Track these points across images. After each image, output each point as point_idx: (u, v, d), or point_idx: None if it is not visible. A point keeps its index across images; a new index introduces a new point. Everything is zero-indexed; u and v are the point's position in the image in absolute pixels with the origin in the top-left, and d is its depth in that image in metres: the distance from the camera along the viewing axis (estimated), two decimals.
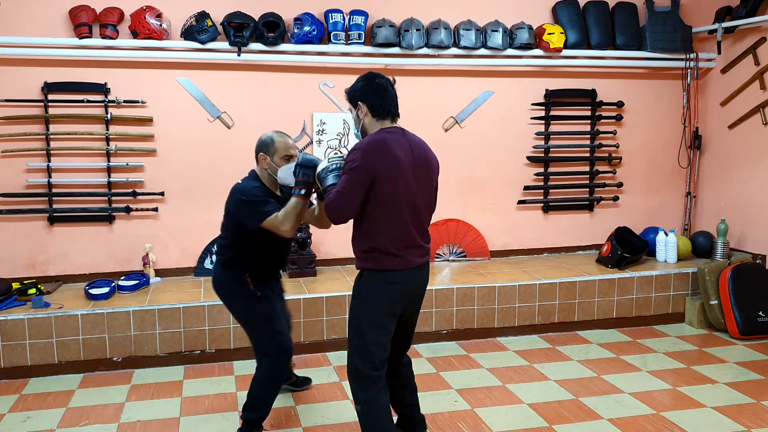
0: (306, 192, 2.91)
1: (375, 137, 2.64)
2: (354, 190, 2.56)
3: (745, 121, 5.16)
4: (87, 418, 3.42)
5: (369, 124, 2.71)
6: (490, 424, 3.32)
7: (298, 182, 2.91)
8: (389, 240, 2.64)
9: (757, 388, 3.74)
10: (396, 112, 2.73)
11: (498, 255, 5.39)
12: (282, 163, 3.06)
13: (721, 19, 5.14)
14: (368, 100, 2.69)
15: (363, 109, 2.70)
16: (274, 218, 2.92)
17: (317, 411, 3.49)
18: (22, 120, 4.43)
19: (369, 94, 2.69)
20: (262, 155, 3.09)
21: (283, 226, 2.91)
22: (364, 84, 2.72)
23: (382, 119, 2.71)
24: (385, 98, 2.70)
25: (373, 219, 2.63)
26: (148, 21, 4.38)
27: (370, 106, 2.69)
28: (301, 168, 2.90)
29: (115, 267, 4.69)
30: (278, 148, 3.07)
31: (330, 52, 4.82)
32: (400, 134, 2.69)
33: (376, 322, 2.69)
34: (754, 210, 5.13)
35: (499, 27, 4.98)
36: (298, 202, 2.91)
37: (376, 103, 2.68)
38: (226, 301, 3.24)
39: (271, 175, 3.10)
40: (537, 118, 5.33)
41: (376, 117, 2.70)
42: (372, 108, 2.69)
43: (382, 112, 2.69)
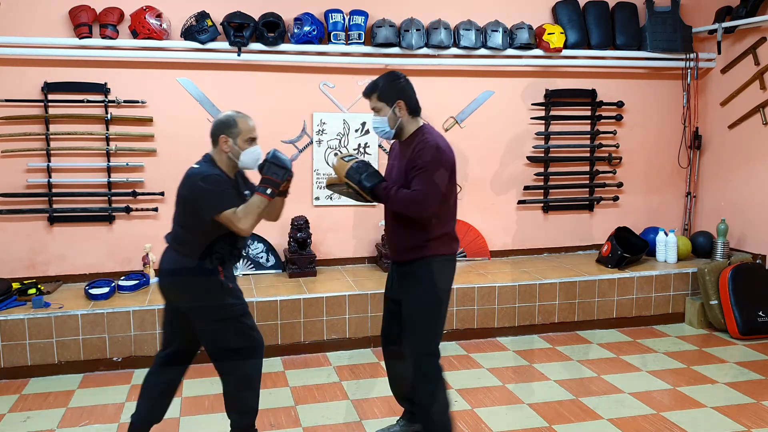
0: (272, 192, 2.71)
1: (436, 134, 2.82)
2: (441, 184, 2.72)
3: (745, 121, 5.16)
4: (87, 418, 3.42)
5: (407, 122, 2.82)
6: (490, 424, 3.32)
7: (265, 180, 2.71)
8: (453, 226, 2.89)
9: (757, 388, 3.74)
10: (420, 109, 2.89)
11: (498, 255, 5.39)
12: (245, 146, 2.77)
13: (721, 19, 5.14)
14: (406, 99, 2.80)
15: (403, 108, 2.80)
16: (232, 213, 2.66)
17: (317, 411, 3.49)
18: (22, 120, 4.43)
19: (405, 92, 2.82)
20: (224, 137, 2.75)
21: (241, 223, 2.67)
22: (400, 83, 2.83)
23: (417, 117, 2.85)
24: (416, 97, 2.86)
25: (447, 209, 2.82)
26: (148, 21, 4.38)
27: (408, 105, 2.81)
28: (271, 165, 2.72)
29: (115, 267, 4.69)
30: (242, 130, 2.76)
31: (330, 52, 4.82)
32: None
33: (446, 304, 2.90)
34: (754, 210, 5.13)
35: (499, 27, 4.98)
36: (262, 201, 2.70)
37: (412, 102, 2.82)
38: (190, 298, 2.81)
39: (231, 159, 2.79)
40: (537, 118, 5.33)
41: (412, 115, 2.83)
42: (409, 106, 2.81)
43: (417, 111, 2.85)
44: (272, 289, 4.41)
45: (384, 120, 2.82)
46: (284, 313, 4.22)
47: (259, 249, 4.88)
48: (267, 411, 3.48)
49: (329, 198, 5.02)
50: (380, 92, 2.79)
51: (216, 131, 2.79)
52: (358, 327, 4.35)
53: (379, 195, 2.79)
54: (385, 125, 2.83)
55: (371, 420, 3.38)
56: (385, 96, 2.79)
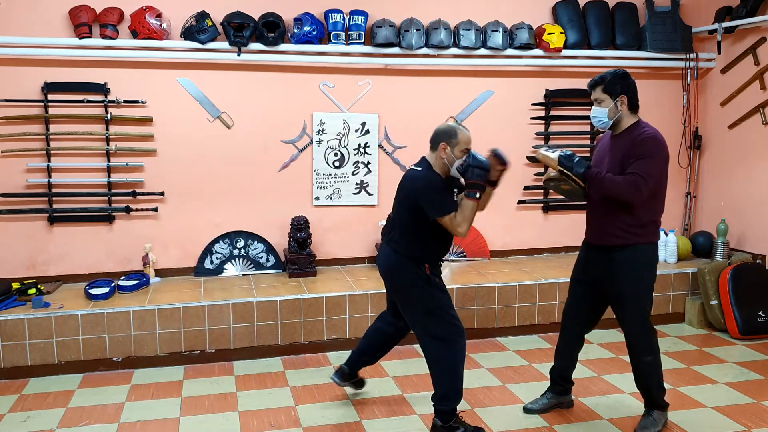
0: (480, 195, 3.04)
1: (654, 128, 3.06)
2: (658, 174, 2.98)
3: (745, 121, 5.16)
4: (87, 418, 3.42)
5: (625, 116, 3.08)
6: (490, 424, 3.32)
7: (473, 184, 3.02)
8: (660, 216, 3.14)
9: (757, 388, 3.74)
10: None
11: (498, 255, 5.39)
12: (460, 156, 3.07)
13: (721, 19, 5.14)
14: (629, 95, 3.07)
15: (624, 103, 3.07)
16: (452, 217, 2.99)
17: (317, 411, 3.49)
18: (22, 120, 4.43)
19: (630, 89, 3.08)
20: (443, 144, 3.05)
21: (461, 227, 3.00)
22: (626, 80, 3.08)
23: (635, 113, 3.11)
24: (637, 95, 3.11)
25: (658, 198, 3.08)
26: (148, 21, 4.38)
27: (630, 100, 3.08)
28: (474, 169, 3.01)
29: (115, 267, 4.69)
30: (461, 141, 3.06)
31: (330, 52, 4.82)
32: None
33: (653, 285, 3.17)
34: (754, 210, 5.13)
35: (499, 27, 4.98)
36: (474, 205, 3.03)
37: (634, 99, 3.09)
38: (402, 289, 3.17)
39: (446, 165, 3.08)
40: (537, 118, 5.33)
41: (632, 110, 3.09)
42: (630, 102, 3.08)
43: (637, 107, 3.12)
44: (272, 289, 4.41)
45: (604, 111, 3.09)
46: (284, 313, 4.22)
47: (259, 249, 4.88)
48: (267, 411, 3.49)
49: (329, 198, 5.03)
50: (606, 85, 3.07)
51: (437, 138, 3.10)
52: (358, 327, 4.35)
53: (591, 179, 3.01)
54: (605, 116, 3.09)
55: (371, 420, 3.37)
56: (610, 89, 3.06)
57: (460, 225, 2.99)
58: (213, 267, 4.81)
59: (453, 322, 3.10)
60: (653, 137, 2.99)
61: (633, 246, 3.06)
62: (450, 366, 3.09)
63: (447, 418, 3.10)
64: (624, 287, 3.09)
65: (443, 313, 3.09)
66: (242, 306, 4.16)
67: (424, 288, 3.09)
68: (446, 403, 3.09)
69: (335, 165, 5.02)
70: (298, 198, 4.97)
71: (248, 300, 4.18)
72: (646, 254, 3.10)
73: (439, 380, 3.11)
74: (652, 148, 2.97)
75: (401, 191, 3.15)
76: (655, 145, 2.98)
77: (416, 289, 3.10)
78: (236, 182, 4.84)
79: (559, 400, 3.47)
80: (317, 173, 4.99)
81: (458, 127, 3.10)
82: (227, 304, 4.13)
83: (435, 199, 3.00)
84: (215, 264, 4.81)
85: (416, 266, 3.09)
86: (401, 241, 3.12)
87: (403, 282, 3.14)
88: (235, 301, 4.15)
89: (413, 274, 3.09)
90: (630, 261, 3.07)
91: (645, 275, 3.12)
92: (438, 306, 3.09)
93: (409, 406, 3.53)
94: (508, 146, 5.37)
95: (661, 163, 3.00)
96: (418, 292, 3.10)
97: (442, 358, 3.10)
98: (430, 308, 3.09)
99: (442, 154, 3.06)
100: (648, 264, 3.13)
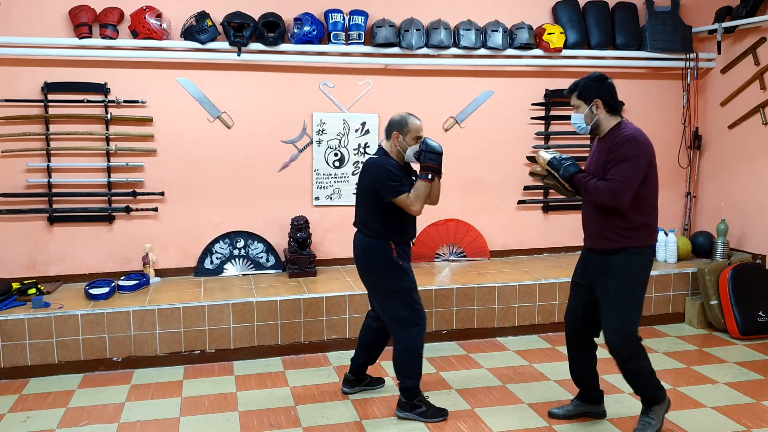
0: (432, 177, 3.23)
1: (635, 128, 3.01)
2: (638, 176, 2.92)
3: (745, 121, 5.16)
4: (87, 418, 3.42)
5: (604, 119, 3.04)
6: (490, 424, 3.32)
7: (425, 167, 3.22)
8: (653, 218, 3.07)
9: (757, 388, 3.74)
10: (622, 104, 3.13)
11: (498, 255, 5.39)
12: (412, 143, 3.30)
13: (721, 19, 5.14)
14: (605, 98, 3.02)
15: (600, 107, 3.02)
16: (406, 197, 3.21)
17: (317, 411, 3.49)
18: (22, 120, 4.43)
19: (605, 92, 3.02)
20: (396, 133, 3.31)
21: (414, 206, 3.22)
22: (600, 83, 3.04)
23: (615, 115, 3.05)
24: (616, 96, 3.05)
25: (645, 200, 3.00)
26: (148, 21, 4.38)
27: (606, 104, 3.02)
28: (427, 154, 3.22)
29: (115, 267, 4.69)
30: (411, 129, 3.29)
31: (330, 52, 4.82)
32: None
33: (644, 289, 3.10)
34: (754, 210, 5.13)
35: (499, 27, 4.98)
36: (426, 186, 3.23)
37: (611, 101, 3.03)
38: (371, 271, 3.37)
39: (400, 152, 3.32)
40: (537, 118, 5.33)
41: (611, 113, 3.03)
42: (607, 105, 3.02)
43: (616, 109, 3.05)
44: (272, 289, 4.41)
45: (581, 117, 3.07)
46: (284, 313, 4.22)
47: (259, 249, 4.88)
48: (267, 411, 3.49)
49: (329, 198, 5.03)
50: (580, 90, 3.05)
51: (390, 128, 3.35)
52: (358, 327, 4.32)
53: (576, 184, 3.04)
54: (582, 121, 3.08)
55: (371, 420, 3.37)
56: (584, 95, 3.04)
57: (413, 203, 3.22)
58: (213, 267, 4.81)
59: (414, 306, 3.31)
60: (630, 139, 2.94)
61: (627, 249, 3.02)
62: (411, 346, 3.31)
63: (410, 395, 3.34)
64: (613, 289, 3.05)
65: (405, 296, 3.31)
66: (242, 306, 4.16)
67: (389, 269, 3.30)
68: (407, 380, 3.32)
69: (335, 165, 5.02)
70: (298, 198, 4.97)
71: (248, 300, 4.18)
72: (640, 258, 3.06)
73: (401, 359, 3.33)
74: (628, 151, 2.92)
75: (363, 179, 3.36)
76: (632, 147, 2.93)
77: (381, 271, 3.32)
78: (236, 182, 4.84)
79: (586, 408, 3.37)
80: (317, 173, 4.99)
81: (409, 117, 3.33)
82: (227, 304, 4.14)
83: (388, 182, 3.22)
84: (215, 264, 4.81)
85: (383, 248, 3.29)
86: (368, 224, 3.35)
87: (370, 264, 3.36)
88: (235, 301, 4.15)
89: (380, 255, 3.30)
90: (624, 264, 3.03)
91: (637, 279, 3.07)
92: (401, 288, 3.30)
93: None
94: (508, 146, 5.43)
95: (642, 164, 2.93)
96: (383, 273, 3.32)
97: (404, 338, 3.31)
98: (393, 290, 3.31)
99: (395, 142, 3.32)
100: (641, 268, 3.08)
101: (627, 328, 3.05)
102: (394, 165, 3.29)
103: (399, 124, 3.32)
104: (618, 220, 3.00)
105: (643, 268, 3.08)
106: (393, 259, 3.28)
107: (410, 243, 3.45)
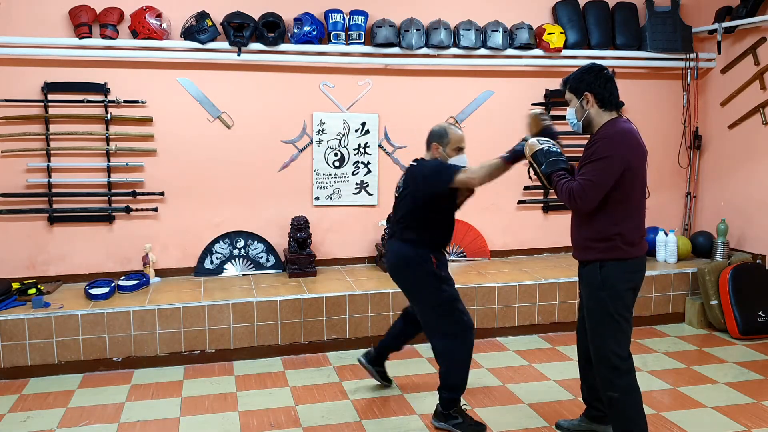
0: (510, 158, 2.94)
1: (620, 127, 2.69)
2: (605, 179, 2.62)
3: (745, 121, 5.16)
4: (87, 418, 3.42)
5: (595, 115, 2.76)
6: (490, 424, 3.32)
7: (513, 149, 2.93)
8: (631, 228, 2.71)
9: (757, 388, 3.74)
10: (620, 104, 2.77)
11: (498, 255, 5.39)
12: (453, 154, 3.18)
13: (721, 19, 5.14)
14: (596, 91, 2.73)
15: (590, 100, 2.74)
16: (463, 172, 3.00)
17: (317, 411, 3.49)
18: (22, 120, 4.43)
19: (597, 85, 2.73)
20: (435, 145, 3.19)
21: (476, 174, 2.97)
22: (591, 75, 2.75)
23: (610, 110, 2.74)
24: (612, 90, 2.74)
25: (620, 207, 2.68)
26: (148, 21, 4.38)
27: (597, 97, 2.73)
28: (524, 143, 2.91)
29: (115, 267, 4.69)
30: (452, 140, 3.17)
31: (330, 52, 4.82)
32: (630, 123, 2.76)
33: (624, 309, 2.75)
34: (754, 210, 5.13)
35: (499, 27, 4.98)
36: (500, 164, 2.96)
37: (603, 95, 2.72)
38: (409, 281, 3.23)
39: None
40: None
41: (603, 108, 2.74)
42: (599, 99, 2.73)
43: (609, 104, 2.73)
44: (272, 289, 4.41)
45: (572, 112, 2.83)
46: (284, 313, 4.22)
47: (259, 249, 4.88)
48: (267, 411, 3.49)
49: (329, 198, 5.03)
50: (571, 84, 2.80)
51: (429, 139, 3.23)
52: (358, 327, 4.35)
53: (552, 183, 2.78)
54: (573, 117, 2.83)
55: (371, 420, 3.37)
56: (574, 88, 2.78)
57: (475, 172, 2.98)
58: (213, 267, 4.81)
59: (461, 318, 3.17)
60: (607, 138, 2.65)
61: (594, 262, 2.74)
62: (457, 360, 3.18)
63: (449, 406, 3.22)
64: (588, 307, 2.82)
65: (450, 307, 3.16)
66: (242, 306, 4.16)
67: (428, 280, 3.16)
68: (451, 393, 3.20)
69: (335, 165, 5.02)
70: (298, 198, 4.97)
71: (248, 300, 4.18)
72: (609, 273, 2.71)
73: (446, 373, 3.19)
74: (600, 151, 2.63)
75: (407, 183, 3.21)
76: (605, 147, 2.63)
77: (423, 284, 3.18)
78: (236, 182, 4.84)
79: (592, 427, 3.14)
80: (317, 173, 4.99)
81: (450, 128, 3.20)
82: (227, 304, 4.14)
83: (441, 168, 3.08)
84: (215, 264, 4.81)
85: (423, 259, 3.15)
86: (409, 230, 3.19)
87: (410, 276, 3.22)
88: (235, 301, 4.15)
89: (420, 268, 3.16)
90: (592, 278, 2.76)
91: (602, 296, 2.73)
92: (444, 300, 3.16)
93: (409, 406, 3.53)
94: (507, 146, 5.38)
95: (613, 166, 2.60)
96: (425, 286, 3.17)
97: (450, 352, 3.17)
98: (437, 303, 3.16)
99: (435, 153, 3.21)
100: (610, 284, 2.71)
101: (599, 351, 2.78)
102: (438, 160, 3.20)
103: (439, 135, 3.20)
104: (586, 228, 2.76)
105: (613, 284, 2.71)
106: (432, 270, 3.14)
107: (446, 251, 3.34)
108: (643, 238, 2.79)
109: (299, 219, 4.71)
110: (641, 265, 2.80)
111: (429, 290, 3.17)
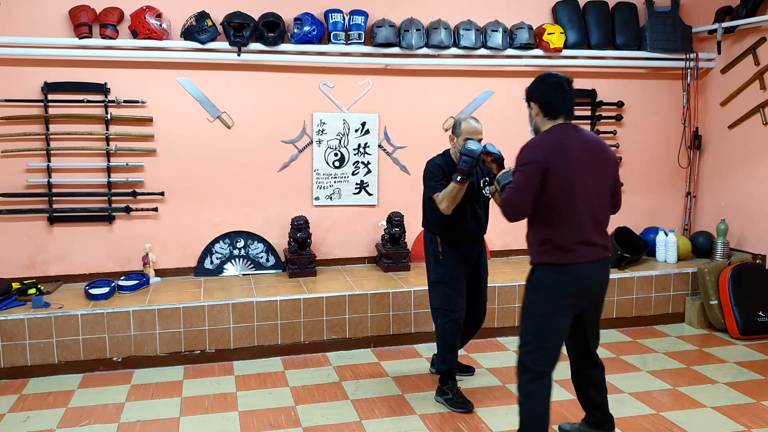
0: (461, 179, 3.23)
1: (544, 134, 2.74)
2: (527, 186, 2.64)
3: (745, 121, 5.16)
4: (87, 418, 3.42)
5: (540, 123, 2.79)
6: (490, 424, 3.32)
7: (457, 169, 3.25)
8: (562, 234, 2.68)
9: (757, 388, 3.74)
10: (570, 111, 2.76)
11: (498, 255, 5.39)
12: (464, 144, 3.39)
13: (721, 19, 5.14)
14: (540, 100, 2.76)
15: (535, 109, 2.79)
16: (436, 196, 3.38)
17: (317, 411, 3.49)
18: (22, 120, 4.43)
19: (541, 94, 2.76)
20: (451, 136, 3.50)
21: (441, 204, 3.34)
22: (537, 84, 2.79)
23: (554, 119, 2.75)
24: (557, 98, 2.74)
25: (546, 213, 2.68)
26: (148, 21, 4.38)
27: (542, 107, 2.75)
28: (462, 156, 3.23)
29: (115, 267, 4.69)
30: (463, 131, 3.40)
31: (330, 52, 4.81)
32: (571, 130, 2.75)
33: (549, 317, 2.72)
34: (754, 210, 5.13)
35: (499, 27, 4.98)
36: (454, 188, 3.27)
37: (546, 104, 2.75)
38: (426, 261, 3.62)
39: (456, 153, 3.43)
40: None
41: (547, 117, 2.76)
42: (543, 108, 2.75)
43: (553, 112, 2.75)
44: (272, 289, 4.41)
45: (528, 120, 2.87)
46: (284, 313, 4.22)
47: (259, 249, 4.88)
48: (267, 411, 3.49)
49: (329, 198, 5.02)
50: (525, 94, 2.84)
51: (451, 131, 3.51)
52: (358, 327, 4.35)
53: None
54: (530, 124, 2.86)
55: (371, 420, 3.37)
56: (527, 98, 2.83)
57: (440, 202, 3.35)
58: (213, 267, 4.81)
59: (444, 299, 3.49)
60: (528, 146, 2.70)
61: (533, 265, 2.79)
62: (438, 335, 3.54)
63: (442, 381, 3.56)
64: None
65: (440, 287, 3.51)
66: (242, 306, 4.16)
67: (430, 261, 3.57)
68: (440, 365, 3.55)
69: (335, 165, 5.02)
70: (298, 198, 4.97)
71: (248, 300, 4.18)
72: (537, 278, 2.75)
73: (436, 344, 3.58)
74: (521, 158, 2.69)
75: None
76: (524, 154, 2.68)
77: (428, 261, 3.59)
78: (236, 182, 4.84)
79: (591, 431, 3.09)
80: (317, 173, 4.99)
81: (465, 120, 3.45)
82: (227, 304, 4.14)
83: (427, 180, 3.47)
84: (215, 264, 4.81)
85: (431, 241, 3.54)
86: (424, 218, 3.62)
87: (425, 254, 3.62)
88: (235, 301, 4.15)
89: (428, 248, 3.57)
90: (528, 280, 2.81)
91: (530, 298, 2.77)
92: (437, 280, 3.52)
93: (409, 406, 3.53)
94: (507, 146, 5.38)
95: (530, 173, 2.62)
96: (428, 264, 3.60)
97: (436, 325, 3.56)
98: (432, 280, 3.57)
99: (452, 144, 3.51)
100: (537, 288, 2.75)
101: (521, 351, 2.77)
102: (438, 165, 3.47)
103: (453, 127, 3.48)
104: (528, 233, 2.80)
105: (539, 287, 2.74)
106: (435, 252, 3.51)
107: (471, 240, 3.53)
108: (587, 244, 2.70)
109: (299, 219, 4.71)
110: (584, 273, 2.71)
111: (430, 269, 3.58)
